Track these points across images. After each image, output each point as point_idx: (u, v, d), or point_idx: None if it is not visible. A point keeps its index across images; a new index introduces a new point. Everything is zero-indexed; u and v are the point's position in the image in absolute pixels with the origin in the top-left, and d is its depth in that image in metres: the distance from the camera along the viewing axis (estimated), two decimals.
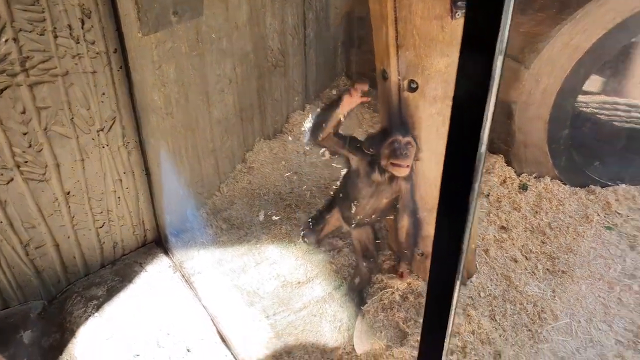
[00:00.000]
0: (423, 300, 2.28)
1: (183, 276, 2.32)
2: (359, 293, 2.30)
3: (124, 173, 2.21)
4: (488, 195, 2.98)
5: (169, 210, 2.42)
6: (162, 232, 2.45)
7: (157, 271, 2.33)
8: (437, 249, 0.94)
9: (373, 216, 2.22)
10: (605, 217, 2.97)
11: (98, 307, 2.13)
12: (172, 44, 2.17)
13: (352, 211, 2.18)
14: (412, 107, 1.89)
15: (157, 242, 2.49)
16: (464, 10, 1.55)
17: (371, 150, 1.97)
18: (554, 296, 2.38)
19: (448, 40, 1.67)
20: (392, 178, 2.02)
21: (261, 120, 3.08)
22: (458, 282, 0.93)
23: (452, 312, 0.97)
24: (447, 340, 1.02)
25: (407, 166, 1.91)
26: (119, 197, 2.24)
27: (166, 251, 2.44)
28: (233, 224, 2.64)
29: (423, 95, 1.84)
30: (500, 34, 0.70)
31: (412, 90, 1.82)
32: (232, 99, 2.71)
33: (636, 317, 2.28)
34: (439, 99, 1.85)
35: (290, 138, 3.30)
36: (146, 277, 2.30)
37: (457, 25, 1.62)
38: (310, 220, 2.38)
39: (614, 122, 3.98)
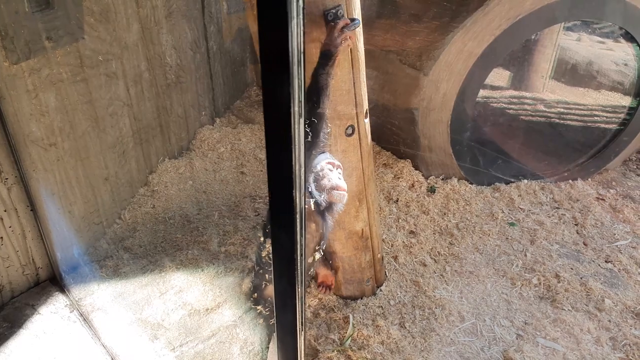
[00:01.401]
0: (334, 315, 2.28)
1: (81, 314, 2.18)
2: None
3: (5, 211, 2.04)
4: (397, 201, 3.03)
5: (62, 246, 2.27)
6: (56, 269, 2.30)
7: (51, 312, 2.18)
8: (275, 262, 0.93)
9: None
10: (509, 213, 3.11)
11: None
12: (50, 71, 2.02)
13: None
14: None
15: (52, 280, 2.33)
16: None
17: None
18: (461, 297, 2.45)
19: None
20: None
21: (163, 140, 2.96)
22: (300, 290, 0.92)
23: (299, 323, 0.96)
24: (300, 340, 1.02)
25: None
26: (1, 237, 2.07)
27: (62, 289, 2.28)
28: (135, 253, 2.52)
29: None
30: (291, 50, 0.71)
31: None
32: (127, 122, 2.58)
33: (535, 310, 2.40)
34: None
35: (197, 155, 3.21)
36: (39, 319, 2.14)
37: None
38: None
39: (521, 117, 4.20)
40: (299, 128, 0.77)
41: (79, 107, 2.22)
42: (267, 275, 2.00)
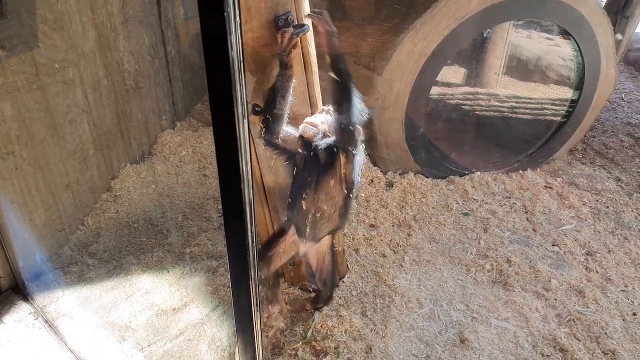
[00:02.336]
0: (299, 308, 2.36)
1: (46, 321, 2.19)
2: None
3: None
4: (357, 196, 3.14)
5: (24, 254, 2.27)
6: (18, 278, 2.30)
7: (15, 320, 2.18)
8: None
9: (334, 214, 1.95)
10: (463, 204, 3.26)
11: None
12: (5, 80, 2.03)
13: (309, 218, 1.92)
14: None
15: (15, 289, 2.33)
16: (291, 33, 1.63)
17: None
18: (419, 285, 2.58)
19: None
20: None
21: (124, 145, 2.98)
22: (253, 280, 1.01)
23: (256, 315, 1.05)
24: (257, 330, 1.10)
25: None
26: None
27: (25, 297, 2.29)
28: (100, 258, 2.54)
29: None
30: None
31: (257, 113, 1.87)
32: (87, 128, 2.60)
33: (488, 294, 2.54)
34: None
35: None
36: (3, 328, 2.14)
37: None
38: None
39: (474, 111, 4.39)
40: (243, 128, 0.85)
41: (37, 115, 2.23)
42: None
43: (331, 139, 1.77)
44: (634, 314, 2.47)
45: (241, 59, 0.82)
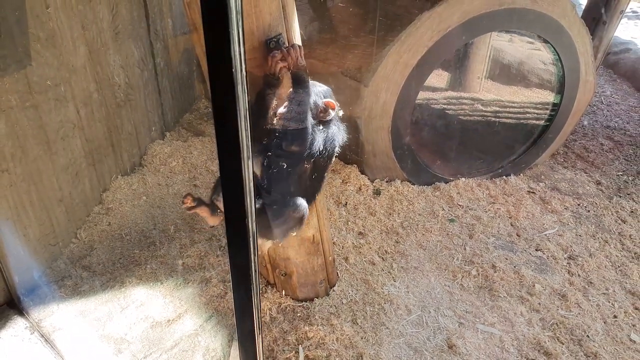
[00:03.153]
0: (291, 317, 2.42)
1: (42, 335, 2.22)
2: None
3: None
4: (346, 204, 3.21)
5: (19, 269, 2.30)
6: (13, 293, 2.32)
7: (11, 335, 2.21)
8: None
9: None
10: (449, 210, 3.35)
11: None
12: None
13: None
14: None
15: (10, 304, 2.35)
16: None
17: None
18: (408, 292, 2.65)
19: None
20: None
21: (115, 158, 3.01)
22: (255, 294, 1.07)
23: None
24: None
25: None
26: None
27: (21, 312, 2.31)
28: (94, 271, 2.57)
29: None
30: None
31: None
32: (79, 143, 2.63)
33: (474, 299, 2.63)
34: None
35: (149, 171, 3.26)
36: None
37: None
38: None
39: (459, 117, 4.48)
40: (247, 144, 0.92)
41: (30, 132, 2.25)
42: None
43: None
44: (615, 317, 2.57)
45: (245, 82, 0.90)
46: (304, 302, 2.47)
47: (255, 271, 1.03)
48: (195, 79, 4.06)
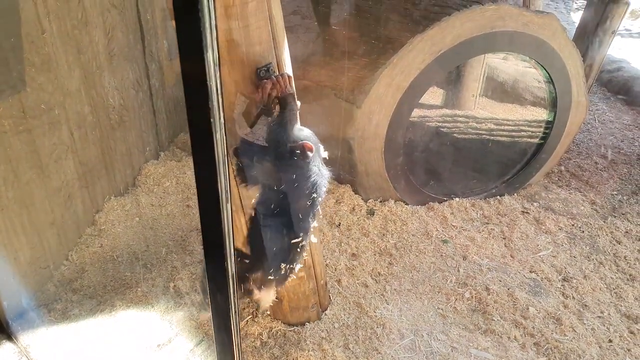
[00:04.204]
0: (281, 342, 2.40)
1: None
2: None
3: None
4: (339, 225, 3.21)
5: (8, 294, 2.29)
6: (2, 318, 2.31)
7: None
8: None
9: None
10: (442, 231, 3.34)
11: None
12: None
13: None
14: None
15: None
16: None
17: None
18: (401, 315, 2.64)
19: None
20: None
21: (109, 178, 3.02)
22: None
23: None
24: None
25: None
26: None
27: (9, 336, 2.30)
28: (85, 294, 2.55)
29: None
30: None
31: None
32: (72, 165, 2.63)
33: (468, 323, 2.61)
34: None
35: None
36: None
37: None
38: None
39: (453, 135, 4.50)
40: (225, 188, 0.94)
41: (23, 156, 2.26)
42: None
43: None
44: (610, 341, 2.56)
45: (223, 121, 0.92)
46: (295, 327, 2.45)
47: (236, 312, 1.04)
48: None
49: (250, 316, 2.49)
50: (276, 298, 2.40)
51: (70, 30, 2.49)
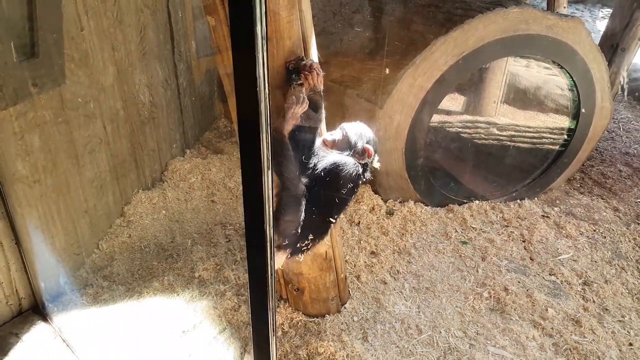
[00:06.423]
0: (302, 332, 2.46)
1: (64, 341, 2.30)
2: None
3: None
4: (359, 224, 3.26)
5: (45, 276, 2.40)
6: (39, 299, 2.42)
7: (35, 339, 2.30)
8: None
9: None
10: (462, 232, 3.37)
11: None
12: (35, 114, 2.20)
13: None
14: None
15: (35, 310, 2.45)
16: (299, 82, 1.78)
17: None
18: (419, 312, 2.67)
19: None
20: None
21: (138, 173, 3.13)
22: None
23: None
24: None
25: None
26: None
27: (45, 317, 2.41)
28: (114, 281, 2.66)
29: None
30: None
31: None
32: (104, 157, 2.75)
33: (486, 321, 2.63)
34: None
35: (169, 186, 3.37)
36: (23, 347, 2.26)
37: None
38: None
39: (473, 140, 4.52)
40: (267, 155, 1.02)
41: (61, 146, 2.38)
42: None
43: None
44: (630, 344, 2.55)
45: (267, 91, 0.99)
46: (315, 318, 2.51)
47: (271, 275, 1.10)
48: (216, 99, 4.20)
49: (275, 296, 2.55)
50: (297, 289, 2.48)
51: (106, 28, 2.62)
